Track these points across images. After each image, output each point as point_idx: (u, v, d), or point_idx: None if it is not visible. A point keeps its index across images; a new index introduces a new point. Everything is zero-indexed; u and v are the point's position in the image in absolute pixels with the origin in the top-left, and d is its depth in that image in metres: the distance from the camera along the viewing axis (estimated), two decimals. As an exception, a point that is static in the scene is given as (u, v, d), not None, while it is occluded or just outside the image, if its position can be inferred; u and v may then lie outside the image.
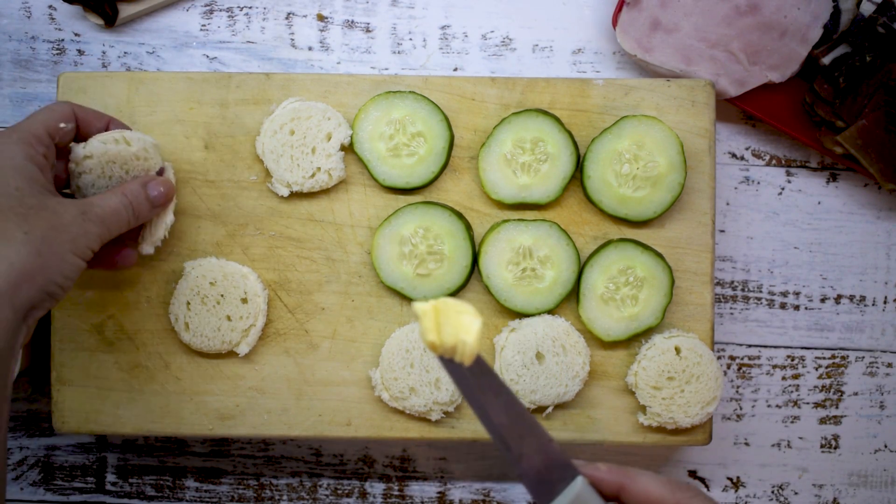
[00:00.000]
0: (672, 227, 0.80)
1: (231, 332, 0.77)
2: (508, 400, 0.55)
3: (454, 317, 0.53)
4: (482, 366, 0.54)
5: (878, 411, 0.88)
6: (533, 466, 0.54)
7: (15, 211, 0.61)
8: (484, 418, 0.55)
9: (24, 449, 0.86)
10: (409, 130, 0.78)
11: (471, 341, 0.52)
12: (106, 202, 0.67)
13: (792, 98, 0.84)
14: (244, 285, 0.77)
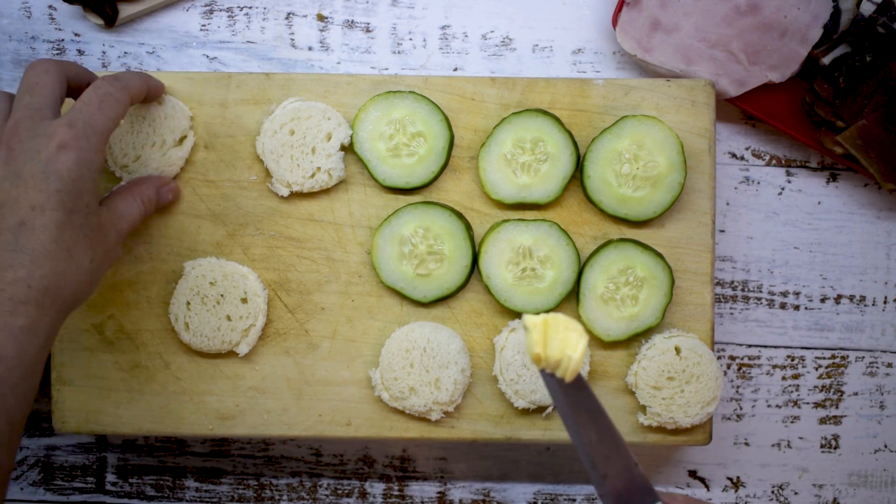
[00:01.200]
0: (672, 227, 0.80)
1: (231, 331, 0.77)
2: (601, 420, 0.56)
3: (562, 333, 0.55)
4: (581, 383, 0.56)
5: (878, 411, 0.88)
6: (615, 488, 0.55)
7: (83, 232, 0.63)
8: (574, 434, 0.56)
9: (24, 449, 0.86)
10: (409, 130, 0.78)
11: (576, 358, 0.54)
12: (129, 213, 0.70)
13: (792, 98, 0.84)
14: (244, 285, 0.77)
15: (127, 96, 0.67)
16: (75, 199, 0.62)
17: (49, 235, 0.60)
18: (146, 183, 0.72)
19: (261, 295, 0.77)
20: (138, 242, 0.79)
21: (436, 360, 0.76)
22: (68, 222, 0.61)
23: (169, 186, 0.75)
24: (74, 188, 0.61)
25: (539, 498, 0.87)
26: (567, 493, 0.87)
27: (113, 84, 0.67)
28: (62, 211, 0.61)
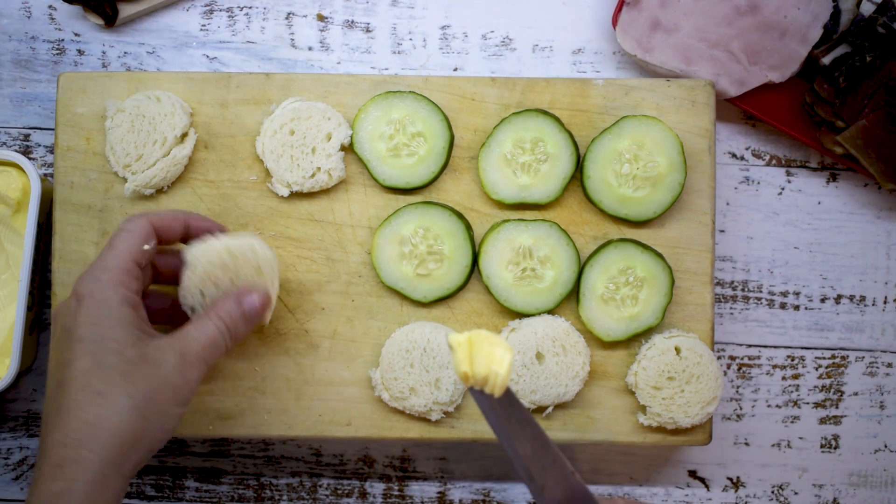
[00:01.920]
0: (672, 227, 0.80)
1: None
2: (534, 432, 0.56)
3: (487, 349, 0.54)
4: (511, 398, 0.56)
5: (878, 411, 0.88)
6: (555, 497, 0.55)
7: (117, 370, 0.60)
8: (510, 448, 0.56)
9: (24, 449, 0.86)
10: (409, 130, 0.78)
11: (502, 373, 0.54)
12: (202, 334, 0.65)
13: (792, 98, 0.84)
14: (255, 258, 0.72)
15: (142, 226, 0.66)
16: (99, 343, 0.60)
17: (76, 386, 0.59)
18: (227, 299, 0.67)
19: (272, 259, 0.71)
20: (138, 242, 0.79)
21: (436, 360, 0.76)
22: (96, 367, 0.59)
23: (253, 291, 0.68)
24: (95, 333, 0.60)
25: (539, 498, 0.87)
26: (567, 493, 0.87)
27: (131, 219, 0.67)
28: (87, 359, 0.60)
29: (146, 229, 0.66)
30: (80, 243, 0.79)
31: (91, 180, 0.79)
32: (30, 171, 0.78)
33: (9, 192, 0.80)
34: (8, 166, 0.80)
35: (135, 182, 0.77)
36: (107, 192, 0.79)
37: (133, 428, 0.59)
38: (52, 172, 0.84)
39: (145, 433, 0.60)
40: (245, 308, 0.67)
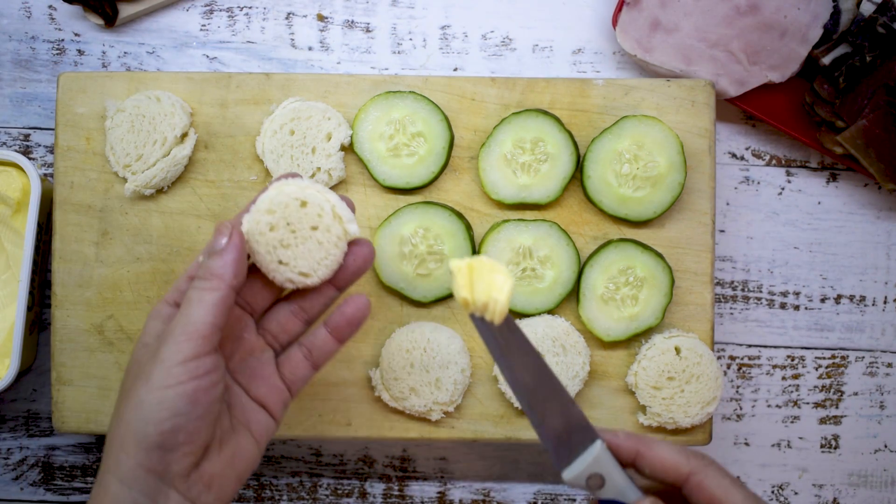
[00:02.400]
0: (672, 227, 0.80)
1: (327, 256, 0.63)
2: (535, 361, 0.55)
3: (487, 276, 0.54)
4: (511, 325, 0.55)
5: (878, 411, 0.88)
6: (554, 428, 0.54)
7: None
8: (510, 377, 0.55)
9: (24, 449, 0.86)
10: (409, 130, 0.78)
11: (502, 300, 0.53)
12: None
13: (792, 98, 0.84)
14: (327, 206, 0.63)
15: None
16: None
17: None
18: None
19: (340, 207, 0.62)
20: (138, 242, 0.79)
21: (436, 360, 0.76)
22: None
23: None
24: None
25: (539, 498, 0.87)
26: (567, 493, 0.87)
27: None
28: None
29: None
30: (80, 243, 0.79)
31: (91, 180, 0.79)
32: (30, 171, 0.78)
33: (9, 192, 0.80)
34: (8, 166, 0.81)
35: (135, 182, 0.78)
36: (107, 192, 0.79)
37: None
38: (52, 172, 0.84)
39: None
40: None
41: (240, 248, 0.57)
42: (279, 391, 0.62)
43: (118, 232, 0.79)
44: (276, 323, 0.63)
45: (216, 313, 0.55)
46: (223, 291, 0.56)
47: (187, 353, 0.54)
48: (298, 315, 0.64)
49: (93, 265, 0.79)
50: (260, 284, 0.62)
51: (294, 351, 0.64)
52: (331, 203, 0.60)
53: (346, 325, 0.63)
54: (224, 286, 0.56)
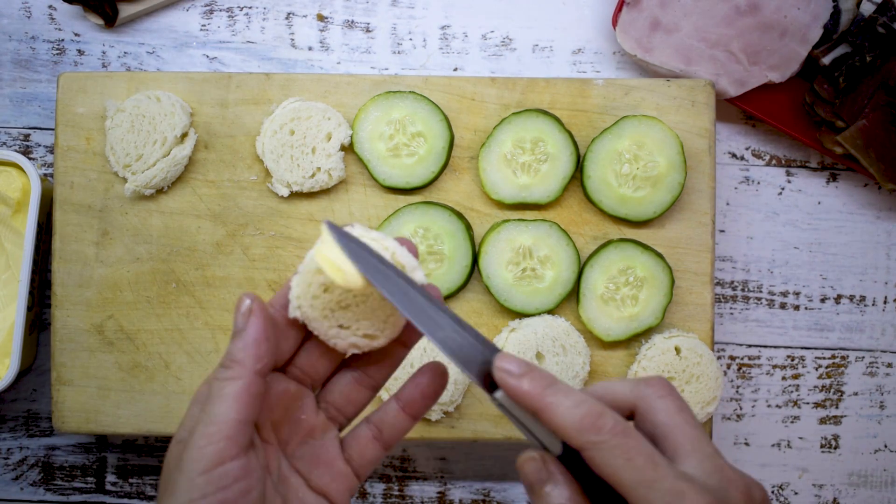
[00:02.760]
0: (672, 227, 0.80)
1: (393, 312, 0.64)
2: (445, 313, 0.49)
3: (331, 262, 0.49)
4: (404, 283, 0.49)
5: (878, 411, 0.88)
6: (469, 355, 0.49)
7: None
8: (434, 340, 0.49)
9: (24, 449, 0.86)
10: (409, 130, 0.78)
11: (348, 268, 0.48)
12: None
13: (792, 98, 0.84)
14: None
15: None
16: None
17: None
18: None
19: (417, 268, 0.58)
20: (138, 242, 0.79)
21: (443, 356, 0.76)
22: None
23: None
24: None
25: (539, 498, 0.87)
26: (567, 493, 0.87)
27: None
28: None
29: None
30: (80, 243, 0.79)
31: (91, 180, 0.79)
32: (30, 171, 0.78)
33: (9, 192, 0.80)
34: (8, 166, 0.80)
35: (135, 182, 0.78)
36: (107, 192, 0.79)
37: None
38: (52, 172, 0.84)
39: None
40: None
41: (261, 326, 0.48)
42: (345, 478, 0.54)
43: (118, 232, 0.79)
44: (338, 394, 0.54)
45: (240, 408, 0.47)
46: (246, 379, 0.47)
47: (210, 459, 0.46)
48: (363, 382, 0.54)
49: (93, 265, 0.79)
50: (318, 353, 0.53)
51: (361, 430, 0.55)
52: (390, 251, 0.51)
53: (421, 400, 0.54)
54: (247, 373, 0.47)
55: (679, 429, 0.47)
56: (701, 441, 0.46)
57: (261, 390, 0.48)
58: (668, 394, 0.48)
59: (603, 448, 0.44)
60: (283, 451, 0.52)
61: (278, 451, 0.52)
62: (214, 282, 0.79)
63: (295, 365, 0.53)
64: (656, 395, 0.48)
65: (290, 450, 0.53)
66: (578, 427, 0.45)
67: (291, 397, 0.52)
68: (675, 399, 0.48)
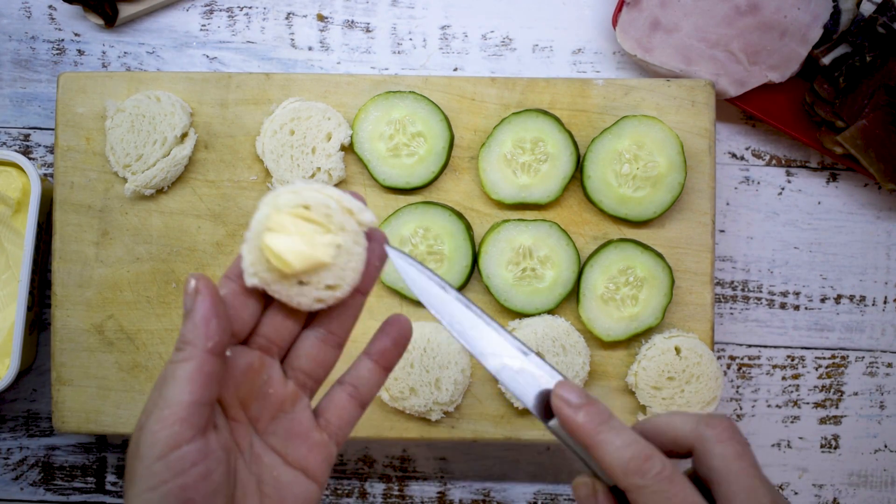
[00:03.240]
0: (672, 227, 0.80)
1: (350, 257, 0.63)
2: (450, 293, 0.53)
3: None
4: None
5: (878, 411, 0.88)
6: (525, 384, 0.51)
7: None
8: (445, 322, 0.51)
9: (24, 449, 0.86)
10: (409, 130, 0.78)
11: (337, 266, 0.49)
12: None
13: (792, 98, 0.84)
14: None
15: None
16: None
17: None
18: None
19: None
20: (138, 242, 0.79)
21: (436, 361, 0.76)
22: None
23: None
24: None
25: (539, 498, 0.87)
26: (567, 493, 0.87)
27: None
28: None
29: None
30: (80, 243, 0.79)
31: (91, 180, 0.79)
32: (30, 171, 0.78)
33: (9, 192, 0.80)
34: (8, 166, 0.81)
35: (135, 182, 0.78)
36: (107, 192, 0.79)
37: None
38: (52, 172, 0.84)
39: None
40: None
41: (209, 304, 0.46)
42: (322, 447, 0.52)
43: (118, 232, 0.79)
44: (305, 358, 0.52)
45: (193, 389, 0.45)
46: (198, 359, 0.46)
47: (165, 444, 0.44)
48: (328, 340, 0.53)
49: (93, 265, 0.79)
50: (281, 317, 0.51)
51: (336, 393, 0.54)
52: (334, 198, 0.51)
53: (393, 350, 0.55)
54: (198, 353, 0.46)
55: (734, 477, 0.46)
56: (757, 492, 0.45)
57: (215, 369, 0.46)
58: (730, 438, 0.47)
59: (645, 492, 0.45)
60: (254, 429, 0.51)
61: (249, 429, 0.50)
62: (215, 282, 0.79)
63: (259, 334, 0.51)
64: (715, 439, 0.47)
65: (261, 426, 0.51)
66: (624, 469, 0.46)
67: (256, 371, 0.50)
68: (736, 444, 0.47)
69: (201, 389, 0.46)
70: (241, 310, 0.50)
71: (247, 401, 0.51)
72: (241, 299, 0.50)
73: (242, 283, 0.50)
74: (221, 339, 0.47)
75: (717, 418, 0.48)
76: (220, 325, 0.47)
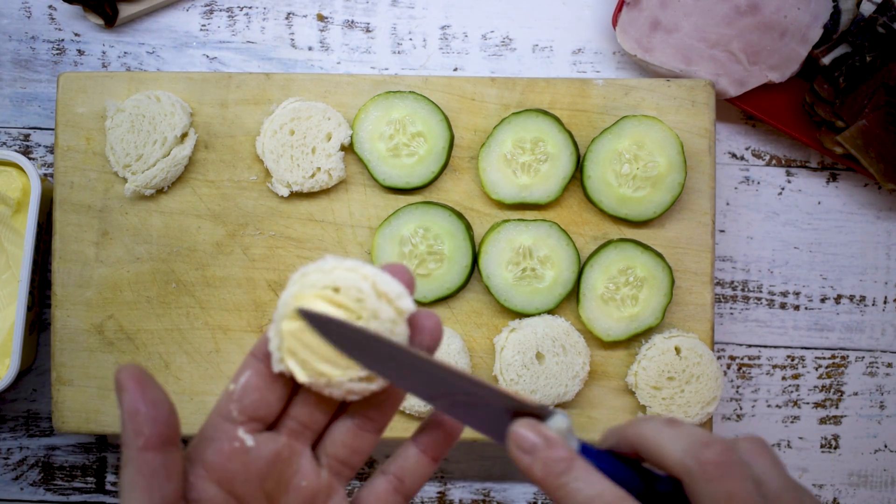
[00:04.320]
0: (672, 227, 0.80)
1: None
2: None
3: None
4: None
5: (878, 411, 0.88)
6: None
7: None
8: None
9: (24, 449, 0.86)
10: (409, 130, 0.78)
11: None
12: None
13: (792, 98, 0.84)
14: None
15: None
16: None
17: None
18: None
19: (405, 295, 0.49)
20: (138, 242, 0.79)
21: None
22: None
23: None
24: None
25: (539, 498, 0.87)
26: (567, 493, 0.87)
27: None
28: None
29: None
30: (80, 243, 0.79)
31: (91, 180, 0.79)
32: (30, 171, 0.78)
33: (9, 192, 0.80)
34: (8, 166, 0.81)
35: (135, 182, 0.78)
36: (107, 192, 0.79)
37: None
38: (52, 172, 0.84)
39: None
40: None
41: (133, 396, 0.41)
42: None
43: (118, 232, 0.79)
44: (340, 445, 0.47)
45: (139, 494, 0.40)
46: (134, 461, 0.41)
47: None
48: (366, 427, 0.47)
49: (93, 265, 0.79)
50: (313, 402, 0.46)
51: (378, 484, 0.48)
52: (369, 280, 0.44)
53: (445, 440, 0.48)
54: (132, 454, 0.41)
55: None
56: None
57: (157, 467, 0.41)
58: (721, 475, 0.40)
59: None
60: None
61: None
62: (214, 282, 0.79)
63: (290, 416, 0.46)
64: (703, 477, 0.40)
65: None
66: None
67: (285, 461, 0.45)
68: (728, 483, 0.40)
69: (147, 494, 0.40)
70: (267, 393, 0.45)
71: (274, 495, 0.45)
72: (267, 382, 0.45)
73: (269, 364, 0.45)
74: (154, 431, 0.41)
75: (712, 446, 0.40)
76: (151, 415, 0.41)
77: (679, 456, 0.40)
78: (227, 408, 0.44)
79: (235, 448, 0.43)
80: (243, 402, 0.44)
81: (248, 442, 0.44)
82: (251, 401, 0.44)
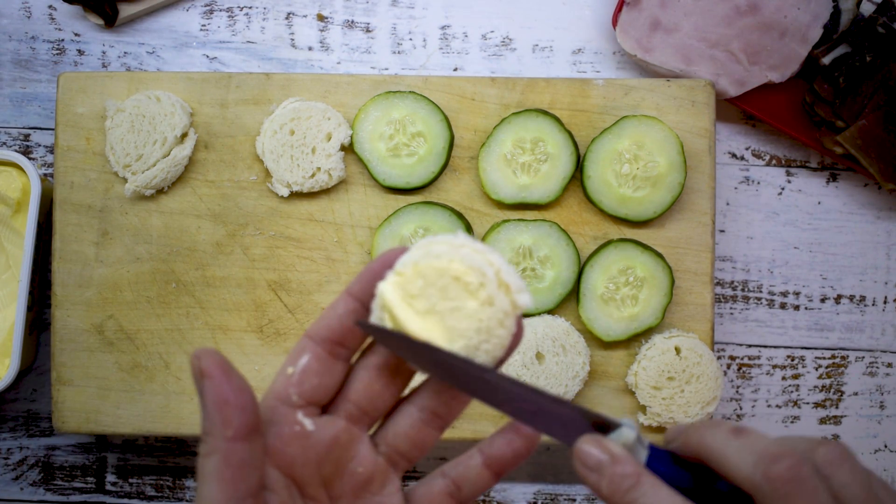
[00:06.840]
0: (672, 227, 0.80)
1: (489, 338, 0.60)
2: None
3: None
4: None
5: (878, 411, 0.88)
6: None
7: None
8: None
9: (24, 449, 0.86)
10: (409, 130, 0.78)
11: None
12: None
13: (792, 98, 0.84)
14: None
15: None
16: None
17: None
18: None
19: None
20: (138, 242, 0.79)
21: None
22: None
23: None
24: None
25: (539, 498, 0.87)
26: (567, 493, 0.87)
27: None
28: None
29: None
30: (80, 243, 0.79)
31: (91, 180, 0.79)
32: (30, 171, 0.78)
33: (9, 192, 0.80)
34: (8, 166, 0.81)
35: (135, 182, 0.78)
36: (107, 192, 0.79)
37: None
38: (52, 172, 0.84)
39: None
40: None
41: (219, 385, 0.40)
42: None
43: (118, 232, 0.79)
44: (402, 437, 0.46)
45: (224, 486, 0.40)
46: (221, 452, 0.40)
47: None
48: (432, 423, 0.46)
49: (93, 265, 0.79)
50: (381, 385, 0.45)
51: (435, 484, 0.47)
52: (495, 267, 0.43)
53: (512, 458, 0.46)
54: (220, 444, 0.40)
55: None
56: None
57: (245, 457, 0.40)
58: (796, 493, 0.38)
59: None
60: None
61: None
62: (214, 282, 0.79)
63: (349, 400, 0.44)
64: (775, 496, 0.38)
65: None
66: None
67: (343, 446, 0.44)
68: (804, 501, 0.37)
69: (232, 485, 0.40)
70: (325, 376, 0.44)
71: (331, 479, 0.44)
72: (325, 365, 0.44)
73: (327, 346, 0.44)
74: (243, 420, 0.40)
75: (782, 460, 0.38)
76: (239, 404, 0.40)
77: (748, 472, 0.38)
78: (285, 391, 0.43)
79: (296, 432, 0.43)
80: (303, 385, 0.43)
81: (308, 426, 0.43)
82: (311, 385, 0.43)
